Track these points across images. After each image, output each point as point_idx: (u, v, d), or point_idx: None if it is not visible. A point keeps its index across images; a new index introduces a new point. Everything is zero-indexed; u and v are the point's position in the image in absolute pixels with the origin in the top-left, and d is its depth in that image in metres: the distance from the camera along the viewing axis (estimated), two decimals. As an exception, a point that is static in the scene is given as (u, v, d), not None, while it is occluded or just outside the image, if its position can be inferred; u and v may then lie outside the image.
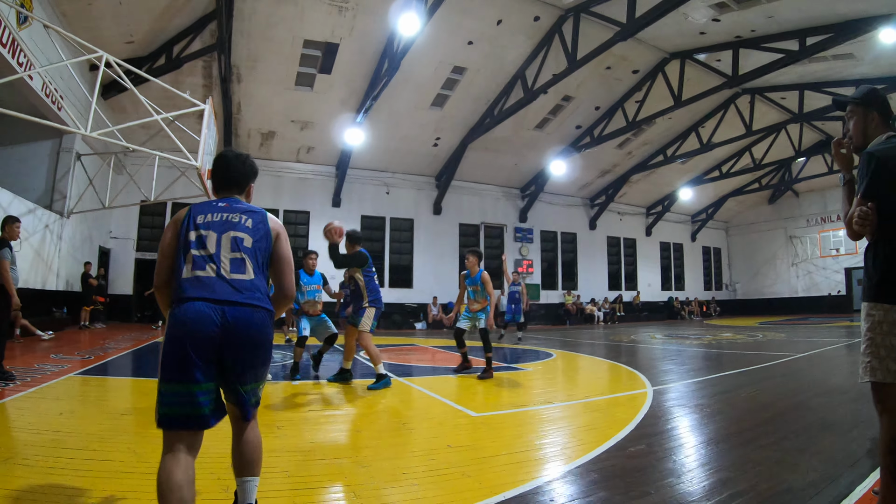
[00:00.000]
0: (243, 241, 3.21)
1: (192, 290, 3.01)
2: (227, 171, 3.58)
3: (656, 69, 24.07)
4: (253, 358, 3.08)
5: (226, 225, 3.23)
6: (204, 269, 3.07)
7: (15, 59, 13.48)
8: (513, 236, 33.52)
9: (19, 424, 5.87)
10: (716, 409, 6.97)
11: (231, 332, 2.96)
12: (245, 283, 3.10)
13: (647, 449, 5.10)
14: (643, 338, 19.99)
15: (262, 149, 26.74)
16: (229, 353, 2.98)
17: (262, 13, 18.82)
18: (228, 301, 3.00)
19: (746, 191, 38.38)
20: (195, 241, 3.15)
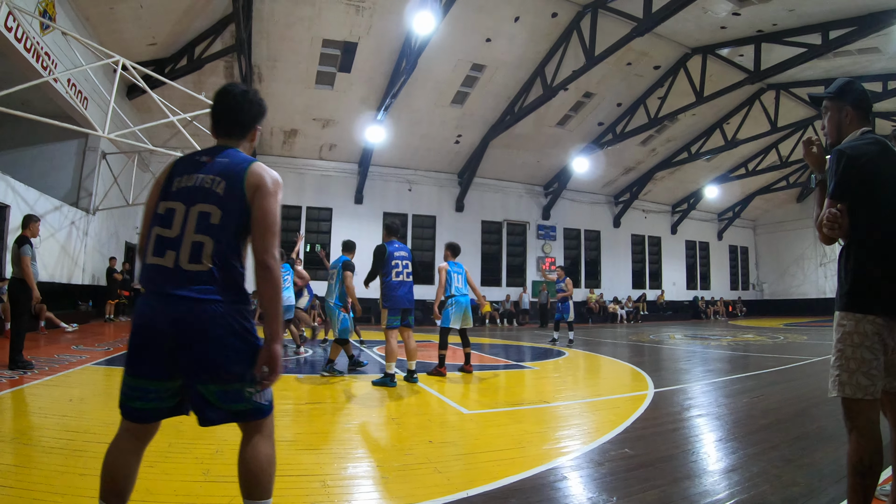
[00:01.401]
0: (210, 217, 2.72)
1: (148, 280, 2.75)
2: (230, 111, 3.09)
3: (678, 65, 23.89)
4: (208, 354, 2.66)
5: (196, 193, 2.76)
6: (162, 256, 2.71)
7: (39, 63, 13.84)
8: (536, 234, 33.46)
9: (31, 409, 6.17)
10: (714, 414, 6.86)
11: (181, 330, 2.63)
12: (201, 276, 2.67)
13: (628, 452, 5.03)
14: (663, 338, 19.80)
15: (285, 146, 27.05)
16: (185, 354, 2.65)
17: (280, 14, 19.05)
18: (179, 296, 2.64)
19: (774, 189, 37.73)
20: (162, 217, 2.77)
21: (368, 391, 8.06)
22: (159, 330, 2.63)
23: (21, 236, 8.88)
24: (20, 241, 8.77)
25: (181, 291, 2.63)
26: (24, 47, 13.16)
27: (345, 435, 5.76)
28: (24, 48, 13.12)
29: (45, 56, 14.20)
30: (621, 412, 6.79)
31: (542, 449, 5.28)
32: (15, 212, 14.90)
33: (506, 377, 10.48)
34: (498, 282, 31.91)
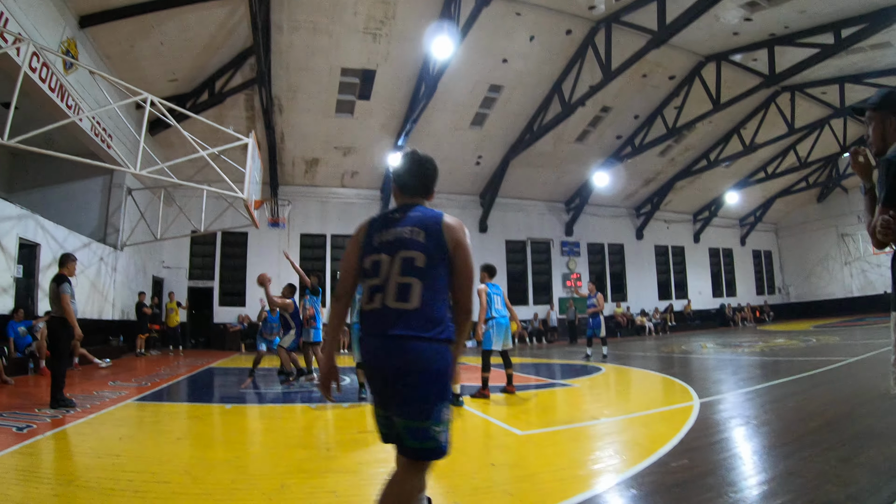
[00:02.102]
0: (415, 261, 3.05)
1: (366, 323, 3.09)
2: (418, 175, 3.42)
3: (692, 73, 23.93)
4: (410, 391, 2.91)
5: (398, 244, 3.10)
6: (373, 301, 3.06)
7: (64, 102, 14.11)
8: (560, 250, 33.40)
9: (81, 449, 6.14)
10: (762, 420, 6.85)
11: (392, 365, 2.92)
12: (409, 314, 2.96)
13: (689, 463, 5.06)
14: (694, 348, 19.70)
15: (307, 176, 27.23)
16: (390, 384, 2.95)
17: (298, 45, 19.30)
18: (390, 335, 2.94)
19: (794, 190, 37.58)
20: (371, 269, 3.13)
21: None
22: (376, 365, 2.99)
23: (59, 275, 8.93)
24: (59, 280, 8.81)
25: (392, 331, 2.92)
26: (49, 87, 13.39)
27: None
28: (48, 88, 13.35)
29: (70, 96, 14.46)
30: (672, 424, 6.78)
31: (603, 465, 5.30)
32: (45, 250, 15.18)
33: (549, 396, 10.46)
34: (525, 300, 31.79)
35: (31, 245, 14.73)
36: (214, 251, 26.83)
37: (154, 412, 8.70)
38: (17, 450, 5.88)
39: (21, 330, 13.41)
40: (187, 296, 25.38)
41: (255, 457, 5.89)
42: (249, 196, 15.80)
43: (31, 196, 17.50)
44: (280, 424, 8.06)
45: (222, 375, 14.35)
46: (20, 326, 13.41)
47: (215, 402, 9.96)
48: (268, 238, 26.65)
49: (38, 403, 8.85)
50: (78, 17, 15.31)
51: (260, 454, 6.00)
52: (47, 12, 13.73)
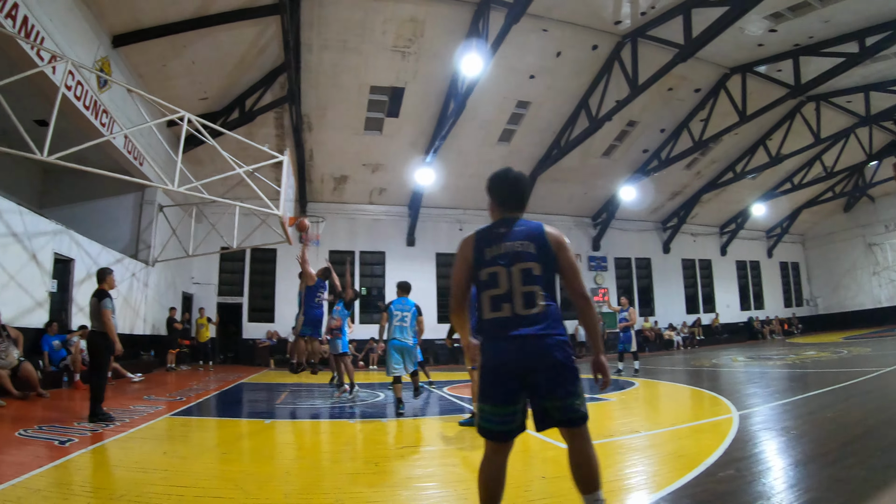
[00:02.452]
0: (532, 271, 3.54)
1: (493, 329, 3.55)
2: (518, 192, 3.94)
3: (718, 86, 23.84)
4: (555, 377, 3.42)
5: (513, 257, 3.56)
6: (500, 310, 3.52)
7: (98, 120, 14.35)
8: (587, 265, 33.26)
9: (126, 463, 6.17)
10: (802, 430, 6.87)
11: (528, 360, 3.41)
12: (537, 317, 3.46)
13: (735, 473, 5.08)
14: (725, 361, 19.59)
15: (336, 193, 27.45)
16: (531, 378, 3.42)
17: (328, 63, 19.50)
18: (522, 336, 3.43)
19: (820, 201, 37.07)
20: (489, 280, 3.58)
21: (458, 432, 8.01)
22: (509, 365, 3.44)
23: (100, 290, 8.99)
24: (100, 295, 8.86)
25: (523, 331, 3.43)
26: (83, 105, 13.67)
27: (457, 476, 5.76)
28: (82, 105, 13.63)
29: (104, 113, 14.71)
30: (713, 436, 6.80)
31: (651, 476, 5.37)
32: (79, 265, 15.48)
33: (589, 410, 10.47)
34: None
35: (66, 260, 15.03)
36: (243, 267, 27.09)
37: (193, 426, 8.79)
38: (62, 463, 5.93)
39: (55, 344, 13.61)
40: (217, 311, 25.56)
41: (304, 471, 5.91)
42: (285, 213, 15.93)
43: (63, 212, 17.71)
44: (322, 439, 8.14)
45: (255, 391, 14.47)
46: (54, 340, 13.61)
47: (253, 416, 10.03)
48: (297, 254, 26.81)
49: (76, 417, 8.95)
50: (111, 37, 15.56)
51: (308, 469, 6.03)
52: (81, 32, 13.98)
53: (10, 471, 5.45)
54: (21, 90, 12.04)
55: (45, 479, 5.27)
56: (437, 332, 27.77)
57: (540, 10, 17.91)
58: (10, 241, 12.45)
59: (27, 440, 7.12)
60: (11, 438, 7.19)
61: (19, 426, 7.94)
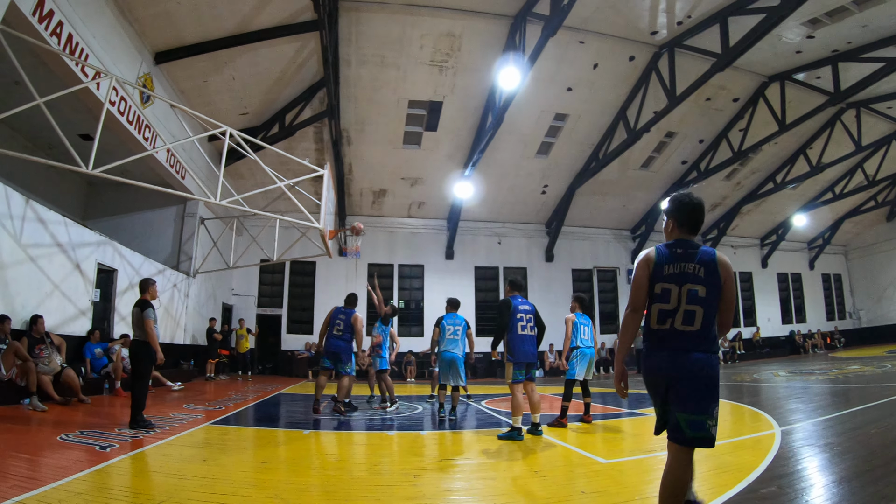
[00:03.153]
0: (697, 293, 3.85)
1: (654, 341, 3.94)
2: (695, 215, 4.19)
3: (756, 95, 23.58)
4: (693, 392, 3.73)
5: (683, 277, 3.89)
6: (664, 324, 3.88)
7: (141, 134, 14.68)
8: (626, 279, 32.74)
9: (166, 469, 6.24)
10: (846, 446, 6.77)
11: (676, 372, 3.77)
12: (692, 335, 3.80)
13: (778, 490, 5.05)
14: (766, 376, 19.34)
15: (375, 206, 27.69)
16: (675, 387, 3.78)
17: (366, 78, 19.71)
18: (676, 349, 3.80)
19: (863, 210, 36.30)
20: (661, 295, 3.93)
21: (497, 446, 7.98)
22: (660, 373, 3.86)
23: (142, 300, 9.14)
24: (143, 305, 9.01)
25: (677, 345, 3.80)
26: (127, 119, 14.02)
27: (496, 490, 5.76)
28: (126, 120, 13.97)
29: (146, 128, 15.06)
30: (755, 452, 6.75)
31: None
32: (122, 275, 15.81)
33: (626, 424, 10.51)
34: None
35: (109, 270, 15.37)
36: (283, 279, 27.43)
37: (232, 435, 8.89)
38: (103, 468, 6.03)
39: (98, 352, 13.91)
40: (256, 322, 25.83)
41: (343, 482, 5.95)
42: (325, 226, 16.09)
43: (107, 223, 18.21)
44: (360, 450, 8.17)
45: (292, 401, 14.57)
46: (97, 348, 13.92)
47: (291, 426, 10.12)
48: (336, 267, 27.08)
49: (116, 423, 9.12)
50: (153, 54, 15.88)
51: (346, 479, 6.07)
52: (124, 49, 14.32)
53: (51, 474, 5.56)
54: (66, 106, 12.37)
55: (86, 483, 5.36)
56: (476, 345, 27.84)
57: (576, 23, 17.96)
58: (55, 251, 12.74)
59: (68, 444, 7.25)
60: (53, 442, 7.32)
61: (61, 430, 8.09)
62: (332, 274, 27.09)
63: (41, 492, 4.91)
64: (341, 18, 17.34)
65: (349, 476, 6.32)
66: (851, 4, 17.13)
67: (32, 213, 11.94)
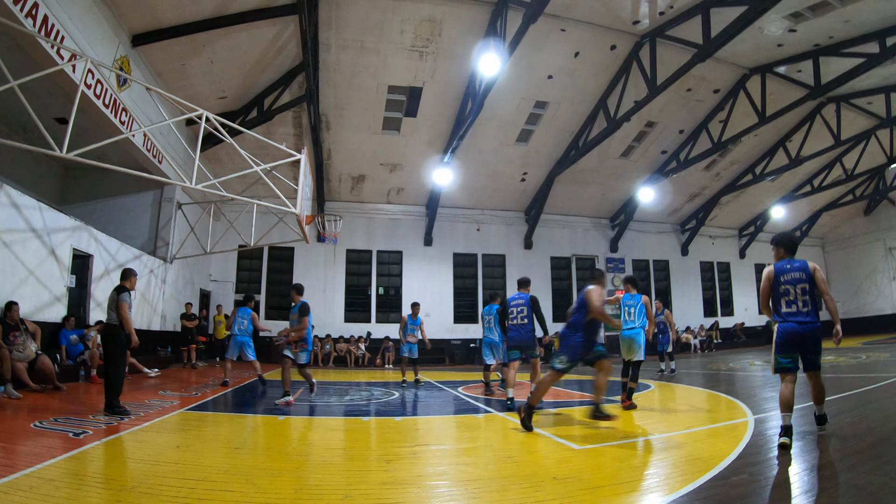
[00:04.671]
0: (807, 289, 6.71)
1: (787, 317, 6.78)
2: (794, 246, 7.25)
3: (737, 86, 23.70)
4: (811, 344, 6.64)
5: (796, 281, 6.78)
6: (791, 308, 6.78)
7: (117, 118, 14.48)
8: (604, 267, 33.14)
9: (139, 456, 6.24)
10: (818, 435, 6.84)
11: (801, 335, 6.63)
12: (810, 312, 6.69)
13: (749, 478, 5.09)
14: (742, 365, 19.52)
15: (354, 192, 27.62)
16: (801, 342, 6.66)
17: (346, 63, 19.60)
18: (803, 322, 6.65)
19: (840, 204, 36.73)
20: (784, 293, 6.85)
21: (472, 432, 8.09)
22: (793, 335, 6.65)
23: (120, 286, 9.10)
24: (119, 290, 8.97)
25: (804, 320, 6.63)
26: (103, 103, 13.81)
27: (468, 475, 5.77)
28: (102, 104, 13.77)
29: (123, 111, 14.85)
30: (728, 440, 6.85)
31: (665, 479, 5.37)
32: (98, 261, 15.64)
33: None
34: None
35: (85, 256, 15.18)
36: (261, 265, 27.34)
37: (207, 422, 8.83)
38: (76, 455, 6.00)
39: (73, 338, 13.78)
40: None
41: (315, 467, 5.95)
42: (302, 211, 15.98)
43: (82, 209, 18.01)
44: (335, 436, 8.15)
45: (270, 388, 14.48)
46: (72, 335, 13.79)
47: (266, 413, 10.06)
48: (315, 253, 27.06)
49: (91, 410, 9.06)
50: (131, 36, 15.69)
51: (319, 465, 6.06)
52: (101, 31, 14.12)
53: (24, 460, 5.53)
54: (41, 88, 12.21)
55: (58, 470, 5.31)
56: (454, 332, 27.87)
57: (558, 10, 17.97)
58: (29, 237, 12.57)
59: (42, 431, 7.20)
60: (27, 429, 7.27)
61: (35, 418, 8.03)
62: (311, 260, 27.03)
63: (13, 479, 4.88)
64: (321, 2, 17.21)
65: (322, 461, 6.31)
66: (834, 0, 17.19)
67: (6, 197, 11.79)
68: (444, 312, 29.09)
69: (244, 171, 15.37)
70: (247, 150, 15.65)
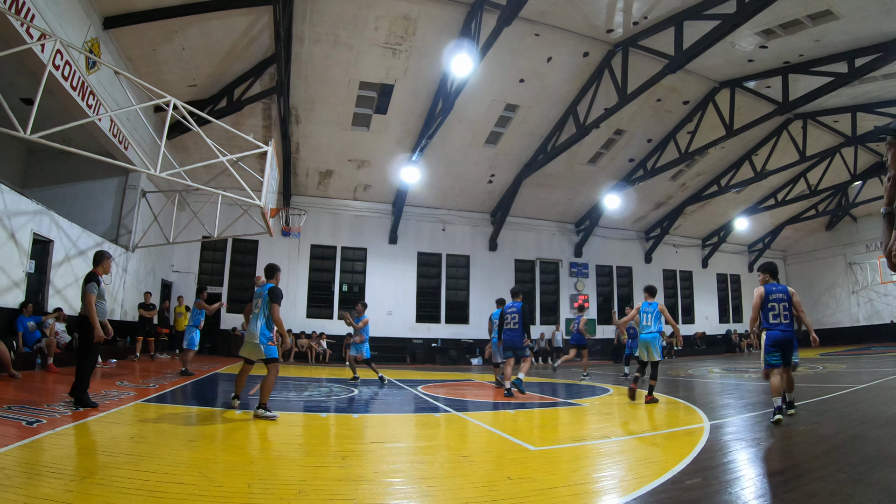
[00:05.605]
0: (787, 306, 8.65)
1: (774, 326, 8.58)
2: (777, 273, 9.11)
3: (706, 99, 23.98)
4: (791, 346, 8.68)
5: (780, 300, 8.65)
6: (777, 320, 8.58)
7: (84, 101, 14.22)
8: (568, 271, 33.42)
9: (93, 446, 6.15)
10: (773, 442, 6.93)
11: (785, 340, 8.53)
12: (789, 324, 8.59)
13: (703, 482, 5.13)
14: (701, 372, 19.76)
15: (320, 187, 27.44)
16: (784, 345, 8.54)
17: (319, 57, 19.48)
18: (784, 330, 8.53)
19: (803, 218, 37.40)
20: (771, 308, 8.67)
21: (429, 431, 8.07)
22: (779, 339, 8.60)
23: (90, 273, 8.80)
24: (88, 279, 8.66)
25: (785, 329, 8.62)
26: (71, 85, 13.51)
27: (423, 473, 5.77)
28: (70, 86, 13.47)
29: (90, 95, 14.58)
30: (683, 445, 6.88)
31: (619, 481, 5.43)
32: (58, 247, 15.34)
33: (561, 414, 10.63)
34: (532, 320, 31.56)
35: (45, 241, 14.87)
36: (224, 257, 27.02)
37: (163, 414, 8.69)
38: (28, 444, 5.88)
39: (31, 325, 13.49)
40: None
41: (270, 462, 5.91)
42: (266, 204, 15.85)
43: (45, 193, 17.58)
44: (292, 431, 8.08)
45: (229, 381, 14.35)
46: (29, 321, 13.48)
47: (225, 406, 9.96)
48: (279, 246, 26.86)
49: (46, 398, 8.93)
50: (102, 18, 15.46)
51: (274, 460, 6.01)
52: (73, 11, 13.85)
53: (-26, 449, 5.40)
54: (8, 67, 12.02)
55: (9, 458, 5.22)
56: (416, 331, 27.88)
57: (533, 15, 18.03)
58: (-12, 219, 12.34)
59: (-5, 419, 7.04)
60: (-21, 418, 7.10)
61: (-12, 406, 7.85)
62: (275, 253, 26.76)
63: (-38, 467, 4.76)
64: (296, -6, 17.09)
65: (277, 456, 6.27)
66: (806, 19, 17.47)
67: (-36, 178, 11.56)
68: (407, 311, 29.11)
69: (210, 161, 15.20)
70: (214, 140, 15.48)
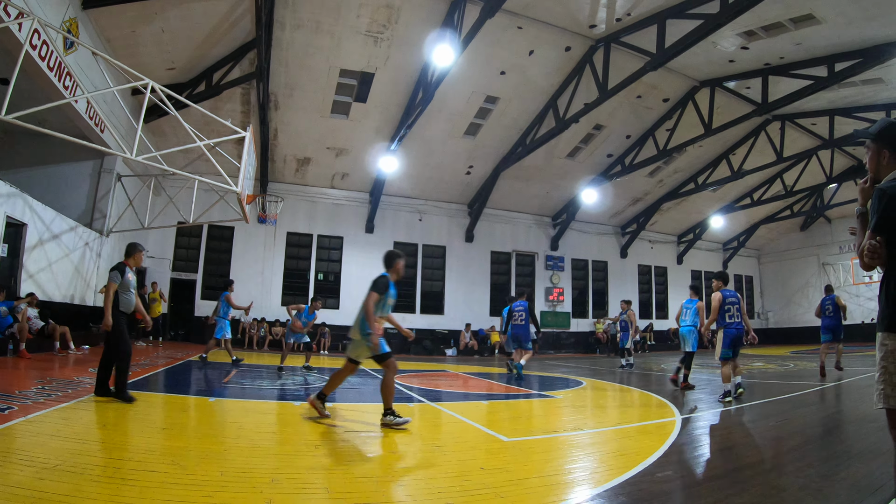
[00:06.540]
0: (738, 307, 10.63)
1: (730, 325, 10.50)
2: (727, 278, 11.17)
3: (686, 97, 24.12)
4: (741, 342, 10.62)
5: (733, 303, 10.63)
6: (732, 319, 10.52)
7: (61, 82, 13.95)
8: (544, 264, 33.52)
9: (65, 434, 6.03)
10: (743, 437, 7.03)
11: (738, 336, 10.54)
12: (740, 322, 10.54)
13: (674, 475, 5.21)
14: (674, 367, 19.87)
15: (298, 174, 27.25)
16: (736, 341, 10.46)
17: (299, 43, 19.32)
18: (737, 328, 10.49)
19: (778, 218, 37.82)
20: (727, 309, 10.56)
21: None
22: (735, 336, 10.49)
23: (119, 263, 8.51)
24: (113, 268, 8.38)
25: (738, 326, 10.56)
26: (48, 65, 13.22)
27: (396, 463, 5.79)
28: (46, 66, 13.17)
29: (67, 76, 14.33)
30: (655, 438, 6.92)
31: (590, 473, 5.45)
32: (31, 230, 15.10)
33: (534, 406, 10.60)
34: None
35: (18, 224, 14.63)
36: (200, 244, 26.71)
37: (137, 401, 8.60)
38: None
39: (2, 310, 13.31)
40: (170, 287, 25.22)
41: (243, 450, 5.85)
42: (243, 190, 15.74)
43: (19, 175, 17.26)
44: (264, 419, 8.05)
45: (203, 368, 14.29)
46: (1, 307, 13.31)
47: (198, 394, 9.90)
48: (255, 234, 26.71)
49: (18, 385, 8.83)
50: (82, -3, 15.22)
51: (247, 448, 5.95)
52: (52, -11, 13.62)
53: (-57, 436, 5.32)
54: (-17, 46, 11.79)
55: (-20, 445, 5.12)
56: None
57: (516, 8, 18.03)
58: (-42, 201, 12.15)
59: (-37, 406, 6.95)
60: (-53, 404, 7.01)
61: (-44, 392, 7.74)
62: (251, 241, 26.63)
63: (-70, 453, 4.69)
64: (279, -22, 16.95)
65: (250, 444, 6.21)
66: (788, 22, 17.59)
67: (-66, 159, 11.37)
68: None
69: (187, 146, 15.08)
70: (192, 124, 15.35)
